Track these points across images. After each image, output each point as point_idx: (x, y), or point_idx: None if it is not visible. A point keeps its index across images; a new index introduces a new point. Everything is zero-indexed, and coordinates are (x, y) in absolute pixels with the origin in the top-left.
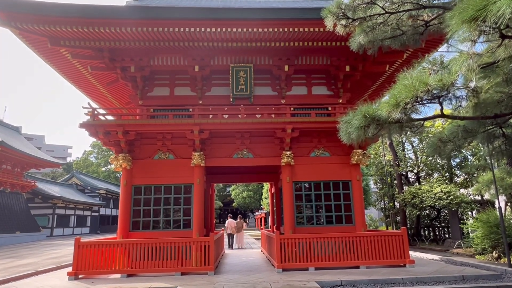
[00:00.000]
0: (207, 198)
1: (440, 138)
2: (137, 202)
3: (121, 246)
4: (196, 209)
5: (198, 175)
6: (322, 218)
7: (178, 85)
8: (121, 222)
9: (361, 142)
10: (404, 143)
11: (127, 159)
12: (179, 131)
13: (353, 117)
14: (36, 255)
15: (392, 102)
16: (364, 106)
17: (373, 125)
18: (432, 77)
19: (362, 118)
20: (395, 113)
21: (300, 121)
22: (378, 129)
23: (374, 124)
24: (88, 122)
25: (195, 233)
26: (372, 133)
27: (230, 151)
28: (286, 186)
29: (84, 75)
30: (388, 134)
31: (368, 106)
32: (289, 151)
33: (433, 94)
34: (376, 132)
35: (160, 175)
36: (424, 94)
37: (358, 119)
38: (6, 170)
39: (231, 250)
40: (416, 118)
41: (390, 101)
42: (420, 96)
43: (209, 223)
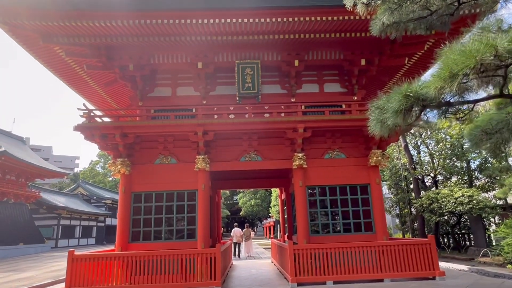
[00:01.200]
0: (213, 205)
1: (485, 129)
2: (137, 210)
3: (119, 259)
4: (201, 217)
5: (203, 180)
6: (339, 225)
7: (181, 84)
8: (120, 232)
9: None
10: (420, 146)
11: (125, 164)
12: (181, 133)
13: (389, 100)
14: (36, 268)
15: (444, 75)
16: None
17: (417, 107)
18: (499, 39)
19: (402, 99)
20: (450, 88)
21: (313, 120)
22: (420, 113)
23: (419, 105)
24: (84, 125)
25: (200, 244)
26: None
27: (237, 154)
28: (298, 191)
29: (80, 75)
30: (424, 124)
31: (409, 84)
32: (301, 153)
33: (500, 62)
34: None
35: (161, 181)
36: (491, 60)
37: (397, 101)
38: (10, 181)
39: (239, 261)
40: (467, 101)
41: (441, 74)
42: (485, 63)
43: (215, 233)
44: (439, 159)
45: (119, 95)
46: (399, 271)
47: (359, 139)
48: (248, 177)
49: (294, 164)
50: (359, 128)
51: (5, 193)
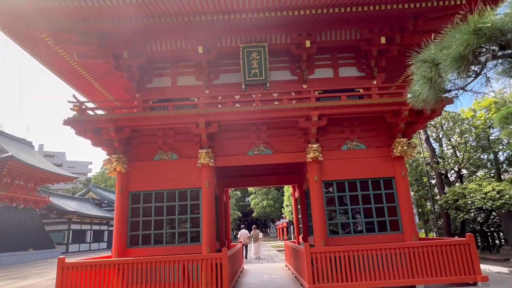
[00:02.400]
0: (219, 205)
1: None
2: (136, 212)
3: (114, 267)
4: (206, 218)
5: (207, 177)
6: (361, 225)
7: (181, 73)
8: (117, 236)
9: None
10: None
11: (121, 161)
12: (181, 125)
13: (445, 47)
14: (42, 275)
15: None
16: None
17: (492, 45)
18: None
19: (469, 38)
20: None
21: (329, 106)
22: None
23: (496, 43)
24: (74, 118)
25: (204, 248)
26: (482, 62)
27: (244, 147)
28: (314, 187)
29: (72, 66)
30: None
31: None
32: (316, 144)
33: None
34: (494, 57)
35: (162, 179)
36: None
37: (460, 42)
38: (18, 186)
39: (250, 265)
40: None
41: None
42: None
43: (223, 235)
44: (463, 152)
45: (116, 87)
46: (433, 276)
47: (381, 127)
48: (258, 173)
49: (308, 157)
50: (381, 115)
51: (14, 199)
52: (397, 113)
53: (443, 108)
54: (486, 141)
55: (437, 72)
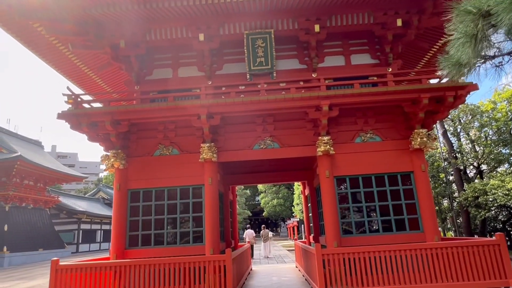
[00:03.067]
0: (225, 203)
1: None
2: (135, 211)
3: (110, 270)
4: (209, 217)
5: (210, 173)
6: (377, 224)
7: (183, 64)
8: (115, 237)
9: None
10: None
11: (119, 157)
12: (182, 117)
13: None
14: (48, 275)
15: None
16: None
17: None
18: None
19: None
20: None
21: (340, 95)
22: None
23: None
24: (69, 112)
25: (208, 249)
26: None
27: (250, 141)
28: (325, 183)
29: (69, 59)
30: None
31: None
32: (327, 136)
33: None
34: None
35: (162, 176)
36: None
37: None
38: (28, 186)
39: (259, 266)
40: None
41: None
42: None
43: (229, 236)
44: (483, 146)
45: (115, 80)
46: (459, 280)
47: (398, 118)
48: (265, 170)
49: (319, 151)
50: (398, 104)
51: (23, 199)
52: (415, 102)
53: (468, 94)
54: (507, 135)
55: (485, 26)
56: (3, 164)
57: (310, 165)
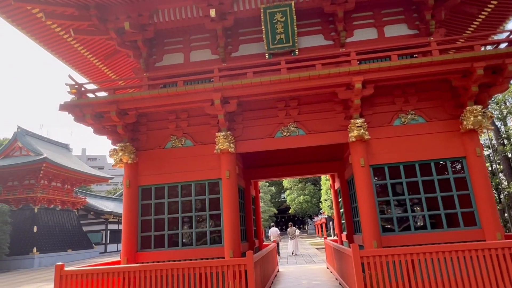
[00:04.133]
0: (246, 200)
1: None
2: (146, 209)
3: (119, 276)
4: (228, 215)
5: (227, 165)
6: (423, 219)
7: (195, 48)
8: (126, 239)
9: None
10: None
11: (128, 151)
12: (194, 104)
13: None
14: None
15: None
16: None
17: None
18: None
19: None
20: None
21: (376, 69)
22: None
23: None
24: (72, 102)
25: (227, 251)
26: None
27: (271, 129)
28: (360, 173)
29: (75, 48)
30: None
31: None
32: (360, 119)
33: None
34: None
35: (175, 170)
36: None
37: None
38: (56, 188)
39: (286, 267)
40: None
41: None
42: None
43: (252, 235)
44: None
45: (123, 69)
46: None
47: (444, 94)
48: (289, 161)
49: (351, 136)
50: (444, 77)
51: (51, 200)
52: (467, 73)
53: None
54: None
55: None
56: (30, 166)
57: (340, 155)
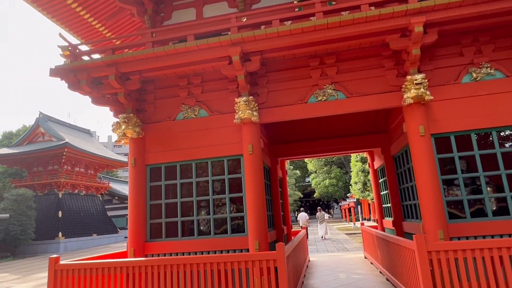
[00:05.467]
0: (273, 181)
1: None
2: (156, 192)
3: (121, 271)
4: (252, 198)
5: (250, 138)
6: (504, 202)
7: (209, 1)
8: (132, 227)
9: None
10: None
11: (132, 123)
12: (208, 64)
13: None
14: None
15: None
16: None
17: None
18: None
19: None
20: None
21: (443, 4)
22: None
23: None
24: (64, 66)
25: (251, 241)
26: None
27: (303, 93)
28: (418, 145)
29: (73, 9)
30: None
31: None
32: (419, 74)
33: None
34: None
35: (188, 145)
36: None
37: None
38: (79, 173)
39: (318, 256)
40: None
41: None
42: None
43: (281, 221)
44: None
45: (127, 31)
46: None
47: None
48: (321, 136)
49: (407, 98)
50: None
51: (75, 185)
52: None
53: None
54: None
55: None
56: (52, 152)
57: (385, 126)
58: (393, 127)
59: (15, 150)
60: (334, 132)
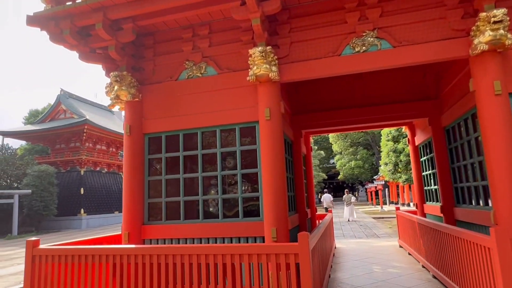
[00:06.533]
0: (295, 157)
1: None
2: (155, 167)
3: (109, 260)
4: (269, 175)
5: (267, 100)
6: None
7: None
8: (128, 206)
9: None
10: None
11: (127, 83)
12: (216, 7)
13: None
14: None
15: None
16: None
17: None
18: None
19: None
20: None
21: None
22: None
23: None
24: (44, 13)
25: (268, 227)
26: None
27: (335, 42)
28: (491, 107)
29: None
30: None
31: None
32: (499, 9)
33: None
34: None
35: (193, 110)
36: None
37: None
38: (101, 150)
39: (344, 242)
40: None
41: None
42: None
43: (304, 203)
44: None
45: None
46: None
47: None
48: (355, 104)
49: (478, 43)
50: None
51: (97, 163)
52: None
53: None
54: None
55: None
56: (73, 129)
57: (434, 90)
58: (447, 91)
59: (37, 127)
60: (369, 99)
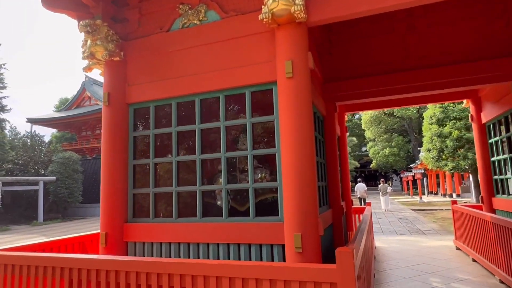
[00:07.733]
0: (328, 137)
1: None
2: (141, 146)
3: (63, 275)
4: (291, 158)
5: (289, 50)
6: None
7: None
8: (106, 199)
9: None
10: None
11: (103, 35)
12: None
13: None
14: None
15: None
16: None
17: None
18: None
19: None
20: None
21: None
22: None
23: None
24: None
25: (289, 232)
26: None
27: None
28: None
29: None
30: None
31: None
32: None
33: None
34: None
35: (189, 71)
36: None
37: None
38: None
39: (384, 239)
40: None
41: None
42: None
43: (339, 195)
44: None
45: None
46: None
47: None
48: (408, 66)
49: None
50: None
51: None
52: None
53: None
54: None
55: None
56: (97, 115)
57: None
58: None
59: (62, 114)
60: (426, 60)
